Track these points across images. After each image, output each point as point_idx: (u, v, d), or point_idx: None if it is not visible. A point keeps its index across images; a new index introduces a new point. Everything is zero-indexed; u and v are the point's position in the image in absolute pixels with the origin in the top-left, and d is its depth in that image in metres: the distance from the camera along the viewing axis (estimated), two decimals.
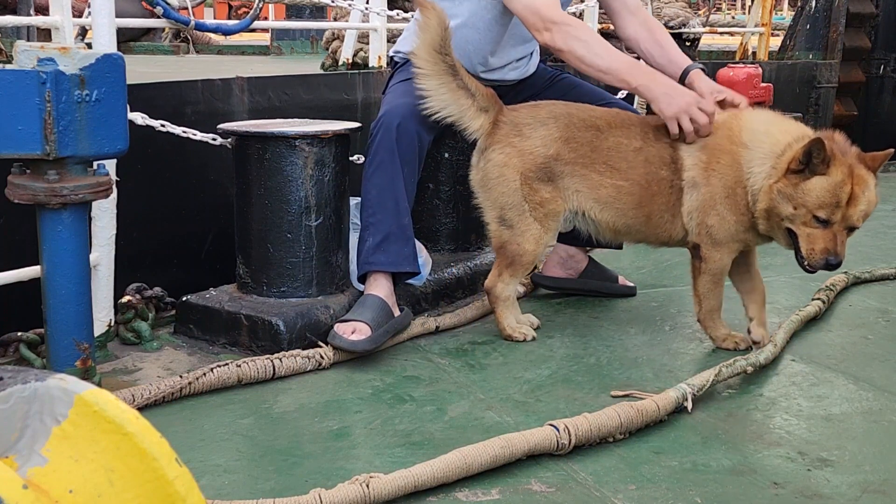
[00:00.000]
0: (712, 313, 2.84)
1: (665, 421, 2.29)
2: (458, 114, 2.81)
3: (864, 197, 2.51)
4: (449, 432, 2.24)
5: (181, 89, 3.26)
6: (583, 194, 2.81)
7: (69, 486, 1.00)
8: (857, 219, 2.53)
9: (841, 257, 2.53)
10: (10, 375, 1.02)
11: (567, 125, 2.80)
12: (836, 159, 2.50)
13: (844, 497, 1.96)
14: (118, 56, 2.17)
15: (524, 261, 2.87)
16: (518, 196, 2.81)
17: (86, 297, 2.25)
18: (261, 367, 2.52)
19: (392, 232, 2.83)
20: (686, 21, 6.48)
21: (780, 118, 2.75)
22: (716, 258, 2.75)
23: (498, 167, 2.82)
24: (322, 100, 3.82)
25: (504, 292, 2.89)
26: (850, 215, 2.51)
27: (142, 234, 3.07)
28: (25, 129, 2.03)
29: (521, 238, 2.83)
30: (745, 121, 2.71)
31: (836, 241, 2.52)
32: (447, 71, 2.76)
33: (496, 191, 2.84)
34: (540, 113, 2.84)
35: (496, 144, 2.83)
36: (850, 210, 2.51)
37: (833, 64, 6.74)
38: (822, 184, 2.49)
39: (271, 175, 2.80)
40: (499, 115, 2.84)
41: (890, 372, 2.69)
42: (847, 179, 2.49)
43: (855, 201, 2.50)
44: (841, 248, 2.53)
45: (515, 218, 2.83)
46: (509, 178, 2.81)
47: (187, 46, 8.24)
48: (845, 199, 2.49)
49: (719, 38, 9.89)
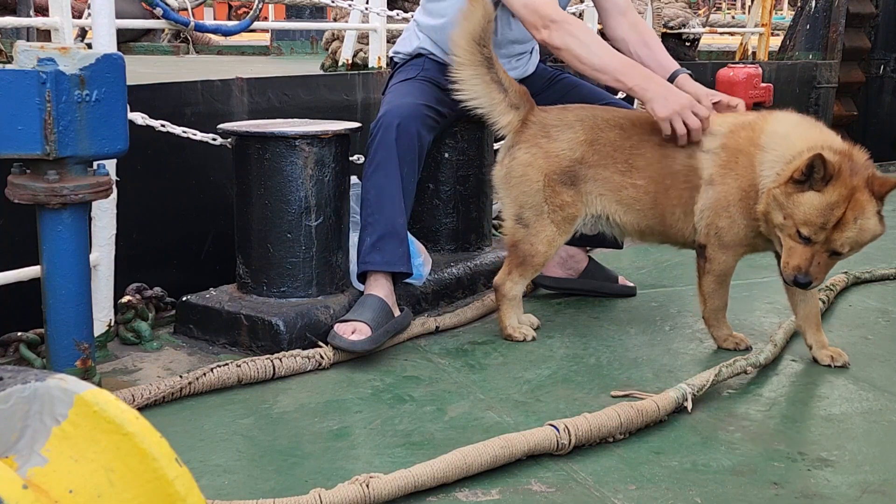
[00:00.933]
0: (717, 313, 2.81)
1: (665, 421, 2.29)
2: (488, 107, 2.81)
3: (855, 224, 2.39)
4: (449, 432, 2.24)
5: (181, 90, 3.26)
6: (606, 198, 2.81)
7: (69, 486, 1.00)
8: (840, 244, 2.41)
9: (811, 278, 2.44)
10: (10, 375, 1.02)
11: (592, 127, 2.80)
12: (838, 179, 2.38)
13: (844, 497, 1.96)
14: (118, 56, 2.17)
15: (535, 261, 2.87)
16: (539, 197, 2.81)
17: (86, 297, 2.25)
18: (261, 367, 2.52)
19: (388, 232, 2.83)
20: (686, 21, 6.48)
21: (807, 123, 2.65)
22: (720, 260, 2.72)
23: (522, 166, 2.82)
24: (322, 100, 3.82)
25: (512, 291, 2.89)
26: (833, 239, 2.41)
27: (142, 234, 3.08)
28: (25, 129, 2.03)
29: (534, 238, 2.83)
30: (769, 123, 2.64)
31: (811, 261, 2.43)
32: (483, 62, 2.76)
33: (518, 189, 2.84)
34: (568, 116, 2.84)
35: (523, 143, 2.83)
36: (836, 234, 2.40)
37: (833, 64, 6.74)
38: (812, 200, 2.39)
39: (271, 175, 2.80)
40: (529, 114, 2.84)
41: (890, 372, 2.69)
42: (842, 202, 2.37)
43: (843, 226, 2.39)
44: (816, 269, 2.44)
45: (533, 218, 2.83)
46: (532, 179, 2.81)
47: (187, 47, 8.24)
48: (833, 221, 2.38)
49: (719, 38, 9.89)
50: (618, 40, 3.08)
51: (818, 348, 2.73)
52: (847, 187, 2.38)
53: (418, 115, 2.87)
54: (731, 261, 2.74)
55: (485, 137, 3.42)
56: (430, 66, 3.12)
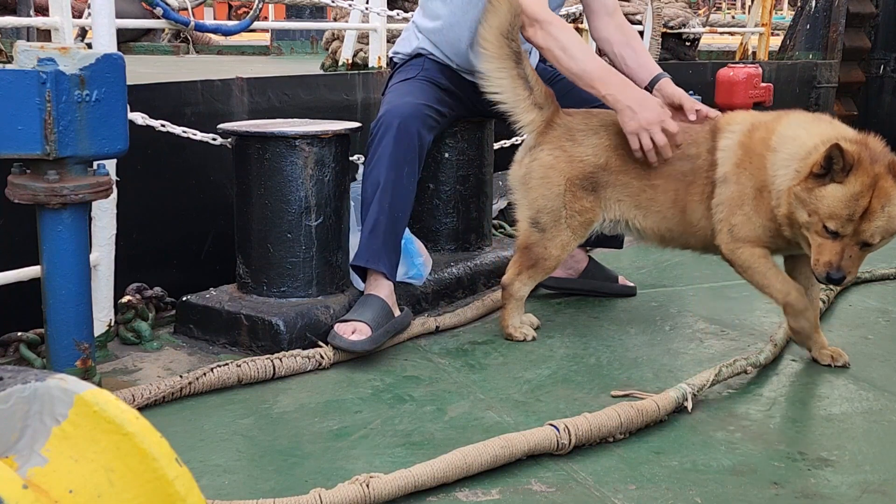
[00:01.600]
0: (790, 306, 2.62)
1: (665, 421, 2.29)
2: (511, 103, 2.79)
3: (884, 212, 2.34)
4: (449, 432, 2.24)
5: (181, 90, 3.26)
6: (624, 203, 2.79)
7: (69, 486, 1.00)
8: (870, 235, 2.36)
9: (844, 272, 2.38)
10: (10, 375, 1.02)
11: (617, 132, 2.78)
12: (859, 167, 2.33)
13: (844, 497, 1.96)
14: (118, 56, 2.17)
15: (547, 265, 2.86)
16: (559, 201, 2.79)
17: (86, 297, 2.25)
18: (261, 367, 2.52)
19: (383, 231, 2.82)
20: (686, 21, 6.48)
21: (819, 120, 2.63)
22: (738, 251, 2.63)
23: (544, 168, 2.80)
24: (322, 100, 3.82)
25: (520, 292, 2.89)
26: (862, 230, 2.35)
27: (142, 234, 3.08)
28: (25, 129, 2.03)
29: (549, 242, 2.82)
30: (781, 124, 2.61)
31: (842, 255, 2.37)
32: (510, 56, 2.74)
33: (537, 192, 2.82)
34: (593, 121, 2.83)
35: (546, 145, 2.81)
36: (864, 225, 2.34)
37: (833, 64, 6.74)
38: (836, 192, 2.34)
39: (271, 175, 2.80)
40: (554, 116, 2.82)
41: (890, 372, 2.69)
42: (866, 191, 2.32)
43: (871, 216, 2.34)
44: (848, 262, 2.37)
45: (550, 223, 2.81)
46: (553, 182, 2.79)
47: (187, 47, 8.23)
48: (860, 211, 2.33)
49: (719, 38, 9.89)
50: (602, 40, 3.11)
51: (818, 349, 2.73)
52: (869, 175, 2.34)
53: (419, 115, 2.87)
54: (752, 249, 2.62)
55: (485, 137, 3.42)
56: (429, 65, 3.12)
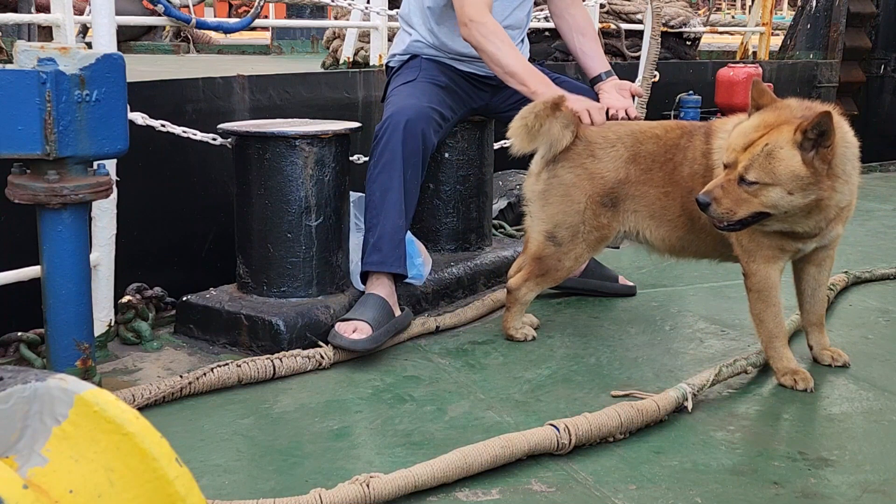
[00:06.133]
0: (772, 340, 2.55)
1: (665, 421, 2.29)
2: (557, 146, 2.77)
3: (765, 150, 2.27)
4: (449, 432, 2.24)
5: (182, 88, 3.26)
6: (640, 213, 2.78)
7: (69, 486, 1.00)
8: (744, 167, 2.29)
9: (709, 198, 2.32)
10: (10, 375, 1.02)
11: (634, 142, 2.78)
12: (769, 109, 2.34)
13: (844, 497, 1.96)
14: (118, 56, 2.18)
15: (558, 275, 2.87)
16: (578, 218, 2.78)
17: (86, 297, 2.25)
18: (261, 367, 2.52)
19: (388, 233, 2.83)
20: (686, 20, 6.48)
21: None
22: (754, 271, 2.54)
23: (565, 186, 2.78)
24: (323, 98, 3.82)
25: (526, 297, 2.89)
26: (740, 161, 2.31)
27: (142, 233, 3.08)
28: (25, 129, 2.03)
29: (564, 255, 2.82)
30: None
31: (721, 186, 2.32)
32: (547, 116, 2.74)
33: (556, 208, 2.80)
34: (609, 134, 2.81)
35: (567, 162, 2.79)
36: (743, 155, 2.30)
37: (833, 64, 6.74)
38: (739, 124, 2.41)
39: (271, 175, 2.80)
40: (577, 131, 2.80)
41: (890, 372, 2.69)
42: (761, 128, 2.31)
43: (752, 148, 2.29)
44: (720, 192, 2.32)
45: (567, 237, 2.80)
46: (575, 200, 2.78)
47: (188, 46, 8.23)
48: (747, 144, 2.31)
49: (719, 38, 9.88)
50: (562, 25, 3.28)
51: (819, 349, 2.72)
52: (773, 118, 2.32)
53: (424, 117, 2.88)
54: (765, 271, 2.52)
55: (485, 137, 3.42)
56: (426, 65, 3.13)
